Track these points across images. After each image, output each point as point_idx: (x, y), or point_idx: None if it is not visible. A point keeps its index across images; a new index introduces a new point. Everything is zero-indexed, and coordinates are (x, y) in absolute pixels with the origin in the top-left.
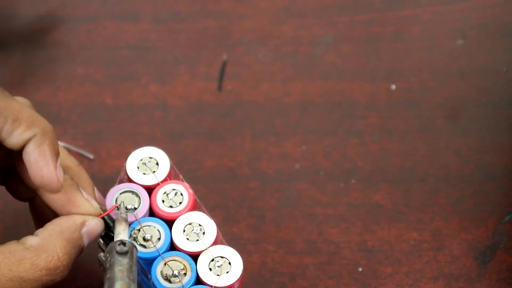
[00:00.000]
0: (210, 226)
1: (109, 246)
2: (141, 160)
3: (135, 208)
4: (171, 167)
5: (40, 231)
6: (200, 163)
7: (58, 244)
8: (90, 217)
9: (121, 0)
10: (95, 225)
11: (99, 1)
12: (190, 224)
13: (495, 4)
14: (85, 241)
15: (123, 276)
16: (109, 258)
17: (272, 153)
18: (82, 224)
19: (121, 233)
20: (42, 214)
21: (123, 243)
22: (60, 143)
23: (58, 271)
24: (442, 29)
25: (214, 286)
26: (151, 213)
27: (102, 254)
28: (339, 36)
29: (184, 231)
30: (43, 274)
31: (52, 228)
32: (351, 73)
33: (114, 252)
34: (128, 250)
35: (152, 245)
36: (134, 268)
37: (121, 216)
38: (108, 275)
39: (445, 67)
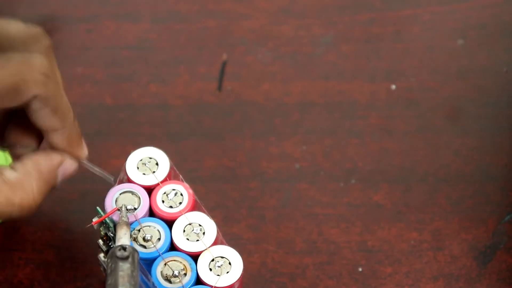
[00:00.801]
0: (210, 226)
1: (110, 251)
2: (141, 160)
3: (135, 209)
4: (171, 167)
5: (18, 166)
6: (200, 163)
7: (35, 184)
8: (67, 157)
9: (121, 0)
10: (70, 165)
11: (99, 1)
12: (190, 224)
13: (494, 4)
14: (59, 180)
15: (124, 281)
16: (110, 264)
17: (272, 153)
18: (59, 164)
19: (122, 237)
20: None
21: (123, 248)
22: None
23: (30, 209)
24: (442, 29)
25: (214, 286)
26: (151, 213)
27: (102, 254)
28: (339, 36)
29: (184, 231)
30: (15, 210)
31: (31, 165)
32: (351, 73)
33: (115, 257)
34: (129, 255)
35: (152, 246)
36: (136, 273)
37: (122, 219)
38: (109, 281)
39: (445, 67)
